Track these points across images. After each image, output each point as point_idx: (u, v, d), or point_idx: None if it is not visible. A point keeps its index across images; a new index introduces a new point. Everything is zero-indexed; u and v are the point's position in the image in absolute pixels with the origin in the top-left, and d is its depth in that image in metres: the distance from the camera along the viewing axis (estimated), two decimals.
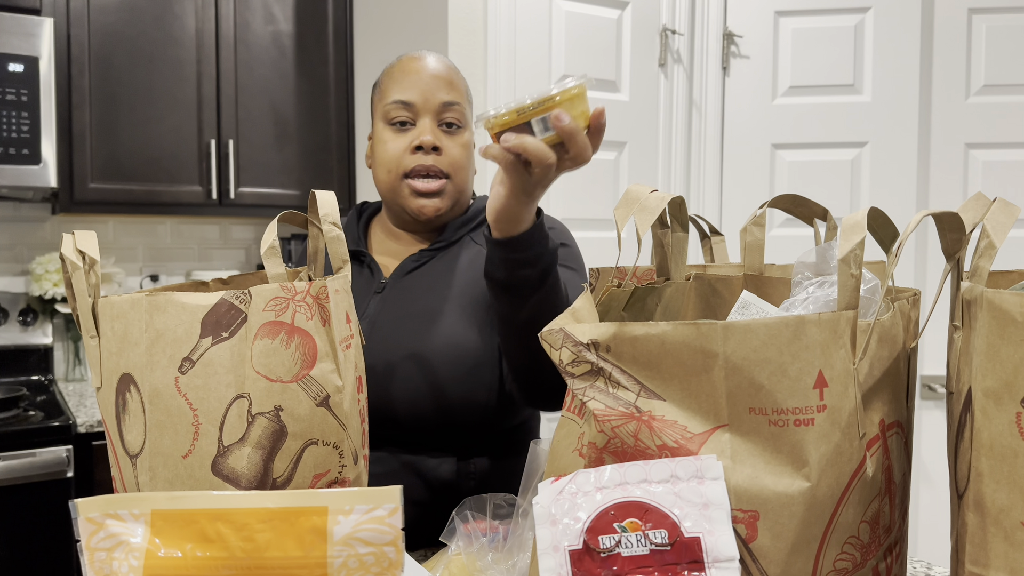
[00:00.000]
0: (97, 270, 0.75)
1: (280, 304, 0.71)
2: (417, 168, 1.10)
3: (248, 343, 0.70)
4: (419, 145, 1.09)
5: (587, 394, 0.60)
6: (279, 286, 0.71)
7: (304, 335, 0.72)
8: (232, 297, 0.70)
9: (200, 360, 0.70)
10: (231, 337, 0.70)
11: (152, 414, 0.71)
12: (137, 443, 0.72)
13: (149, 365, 0.71)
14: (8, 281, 2.63)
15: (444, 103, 1.11)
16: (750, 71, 2.28)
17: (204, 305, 0.70)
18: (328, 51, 2.70)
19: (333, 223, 0.80)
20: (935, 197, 2.21)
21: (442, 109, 1.11)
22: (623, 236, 2.13)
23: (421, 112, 1.10)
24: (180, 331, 0.70)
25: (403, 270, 1.15)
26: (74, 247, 0.75)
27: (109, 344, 0.73)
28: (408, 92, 1.10)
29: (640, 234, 0.64)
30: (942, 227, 0.63)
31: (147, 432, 0.71)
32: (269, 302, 0.70)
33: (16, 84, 2.20)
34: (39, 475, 2.02)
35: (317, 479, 0.73)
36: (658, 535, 0.56)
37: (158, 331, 0.70)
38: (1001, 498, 0.56)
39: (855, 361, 0.57)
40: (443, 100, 1.10)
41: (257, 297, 0.70)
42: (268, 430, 0.70)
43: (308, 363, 0.72)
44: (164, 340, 0.70)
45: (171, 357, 0.70)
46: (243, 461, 0.70)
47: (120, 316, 0.72)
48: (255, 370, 0.70)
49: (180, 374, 0.70)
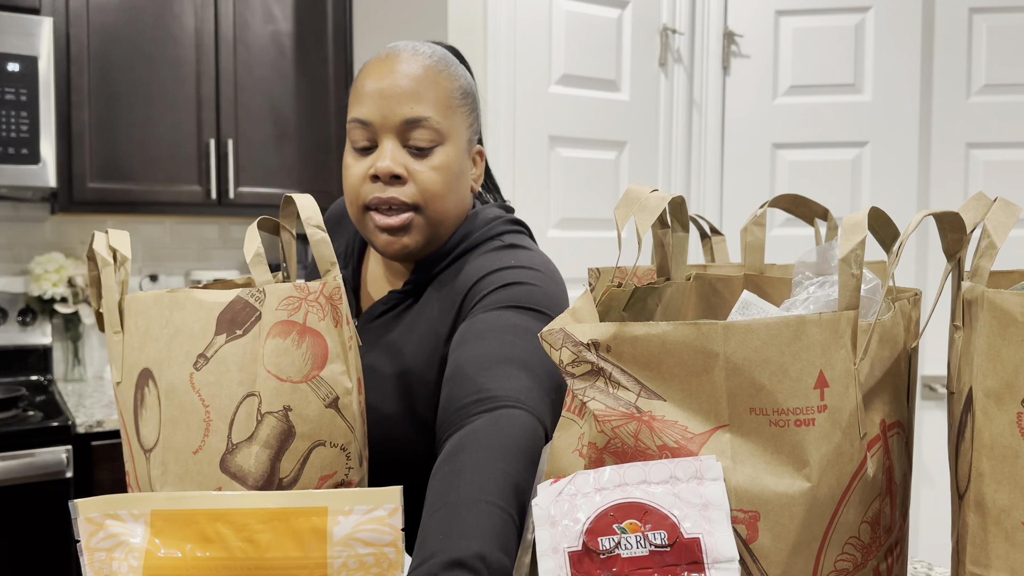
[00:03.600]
0: (127, 267, 0.76)
1: (293, 303, 0.71)
2: (373, 201, 0.93)
3: (261, 341, 0.70)
4: (375, 174, 0.92)
5: (587, 394, 0.59)
6: (293, 285, 0.71)
7: (316, 335, 0.72)
8: (247, 295, 0.71)
9: (214, 357, 0.70)
10: (244, 335, 0.70)
11: (167, 409, 0.71)
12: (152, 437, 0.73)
13: (167, 360, 0.71)
14: (7, 281, 2.63)
15: (407, 121, 0.91)
16: (750, 71, 2.28)
17: (220, 302, 0.71)
18: (328, 51, 2.70)
19: (316, 226, 0.76)
20: (935, 197, 2.21)
21: (405, 128, 0.92)
22: (623, 236, 2.13)
23: (380, 132, 0.92)
24: (197, 328, 0.71)
25: (371, 314, 1.01)
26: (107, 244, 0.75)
27: (132, 339, 0.74)
28: (364, 108, 0.92)
29: (640, 234, 0.64)
30: (943, 227, 0.63)
31: (161, 427, 0.72)
32: (282, 301, 0.71)
33: (15, 84, 2.20)
34: (38, 475, 2.02)
35: (323, 480, 0.73)
36: (658, 536, 0.56)
37: (177, 327, 0.71)
38: (1002, 498, 0.55)
39: (856, 361, 0.57)
40: (405, 117, 0.91)
41: (271, 295, 0.70)
42: (276, 429, 0.71)
43: (319, 364, 0.72)
44: (182, 336, 0.71)
45: (187, 353, 0.71)
46: (251, 459, 0.70)
47: (143, 312, 0.73)
48: (266, 369, 0.70)
49: (195, 370, 0.70)
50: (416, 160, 0.93)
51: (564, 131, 2.18)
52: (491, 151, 2.09)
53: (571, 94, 2.19)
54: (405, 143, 0.93)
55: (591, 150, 2.24)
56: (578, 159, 2.21)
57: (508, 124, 2.10)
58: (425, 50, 0.96)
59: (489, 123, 2.08)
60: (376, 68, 0.94)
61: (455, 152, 0.95)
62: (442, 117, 0.94)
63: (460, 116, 0.97)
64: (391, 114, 0.91)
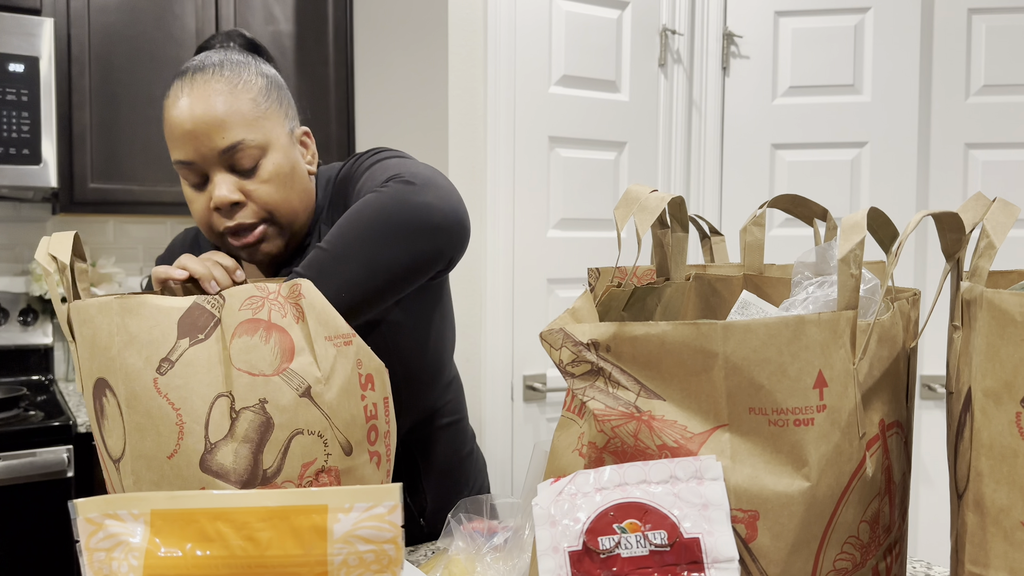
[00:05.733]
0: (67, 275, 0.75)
1: (256, 303, 0.73)
2: (225, 231, 0.97)
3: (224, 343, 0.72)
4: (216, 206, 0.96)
5: (587, 394, 0.60)
6: (254, 286, 0.74)
7: (281, 331, 0.74)
8: (204, 302, 0.72)
9: (180, 360, 0.71)
10: (207, 339, 0.72)
11: (131, 417, 0.71)
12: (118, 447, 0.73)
13: (123, 368, 0.71)
14: (8, 281, 2.63)
15: (223, 151, 0.94)
16: (750, 71, 2.28)
17: (179, 307, 0.72)
18: (328, 51, 2.70)
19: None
20: (935, 197, 2.21)
21: (225, 157, 0.94)
22: (623, 236, 2.14)
23: (205, 167, 0.95)
24: (156, 333, 0.71)
25: None
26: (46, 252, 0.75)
27: (81, 350, 0.74)
28: (182, 150, 0.95)
29: (640, 234, 0.64)
30: (942, 227, 0.63)
31: (126, 436, 0.71)
32: (245, 301, 0.73)
33: (16, 84, 2.20)
34: (39, 475, 2.02)
35: (306, 468, 0.74)
36: (657, 536, 0.56)
37: (131, 334, 0.71)
38: (1001, 498, 0.56)
39: (855, 361, 0.57)
40: (220, 149, 0.94)
41: (232, 298, 0.73)
42: (255, 423, 0.72)
43: (287, 357, 0.74)
44: (138, 342, 0.71)
45: (147, 359, 0.71)
46: (231, 456, 0.71)
47: (88, 321, 0.73)
48: (236, 367, 0.71)
49: (159, 375, 0.70)
50: (247, 180, 0.96)
51: (564, 131, 2.18)
52: (491, 151, 2.09)
53: (571, 95, 2.19)
54: (231, 168, 0.96)
55: (591, 150, 2.24)
56: (578, 159, 2.21)
57: (508, 124, 2.10)
58: (214, 69, 0.96)
59: (489, 123, 2.08)
60: (176, 108, 0.95)
61: (280, 154, 0.98)
62: (254, 131, 0.96)
63: (272, 117, 0.98)
64: (207, 151, 0.94)
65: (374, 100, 2.57)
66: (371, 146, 2.57)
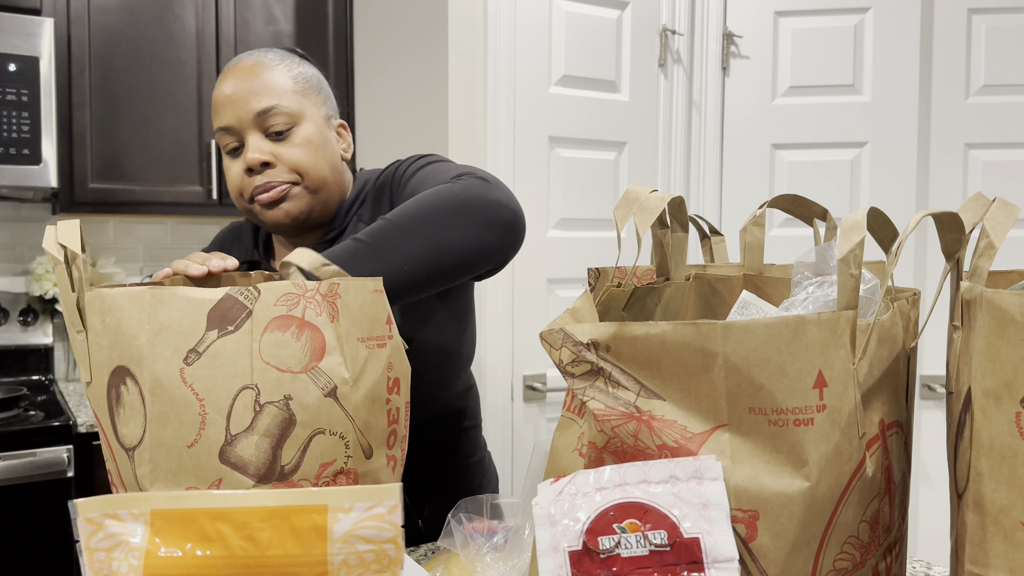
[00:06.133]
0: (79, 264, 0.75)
1: (292, 299, 0.73)
2: (255, 191, 1.04)
3: (254, 336, 0.72)
4: (249, 168, 1.04)
5: (587, 394, 0.60)
6: (291, 283, 0.74)
7: (314, 329, 0.73)
8: (237, 293, 0.72)
9: (207, 352, 0.71)
10: (236, 331, 0.72)
11: (153, 405, 0.71)
12: (135, 436, 0.73)
13: (151, 356, 0.72)
14: (8, 281, 2.63)
15: (258, 113, 1.03)
16: (750, 71, 2.28)
17: (209, 299, 0.72)
18: (328, 51, 2.70)
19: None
20: (935, 197, 2.21)
21: (261, 120, 1.03)
22: (623, 236, 2.14)
23: (243, 131, 1.04)
24: (186, 324, 0.71)
25: None
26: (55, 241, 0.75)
27: (99, 338, 0.74)
28: (223, 117, 1.04)
29: (640, 234, 0.64)
30: (942, 227, 0.63)
31: (147, 424, 0.72)
32: (281, 297, 0.73)
33: (16, 84, 2.20)
34: (39, 475, 2.02)
35: (324, 468, 0.74)
36: (657, 536, 0.56)
37: (162, 323, 0.72)
38: (1001, 498, 0.56)
39: (855, 361, 0.57)
40: (256, 111, 1.03)
41: (268, 293, 0.73)
42: (277, 418, 0.72)
43: (317, 355, 0.74)
44: (168, 332, 0.71)
45: (175, 349, 0.71)
46: (251, 449, 0.71)
47: (112, 309, 0.73)
48: (264, 361, 0.72)
49: (186, 365, 0.71)
50: (279, 144, 1.04)
51: (564, 131, 2.18)
52: (491, 151, 2.09)
53: (571, 95, 2.19)
54: (265, 132, 1.04)
55: (591, 150, 2.24)
56: (578, 159, 2.21)
57: (508, 124, 2.10)
58: (259, 53, 1.08)
59: (489, 123, 2.08)
60: (221, 81, 1.06)
61: (313, 127, 1.06)
62: (288, 100, 1.04)
63: (308, 98, 1.07)
64: (244, 113, 1.03)
65: (374, 100, 2.57)
66: (371, 146, 2.58)
